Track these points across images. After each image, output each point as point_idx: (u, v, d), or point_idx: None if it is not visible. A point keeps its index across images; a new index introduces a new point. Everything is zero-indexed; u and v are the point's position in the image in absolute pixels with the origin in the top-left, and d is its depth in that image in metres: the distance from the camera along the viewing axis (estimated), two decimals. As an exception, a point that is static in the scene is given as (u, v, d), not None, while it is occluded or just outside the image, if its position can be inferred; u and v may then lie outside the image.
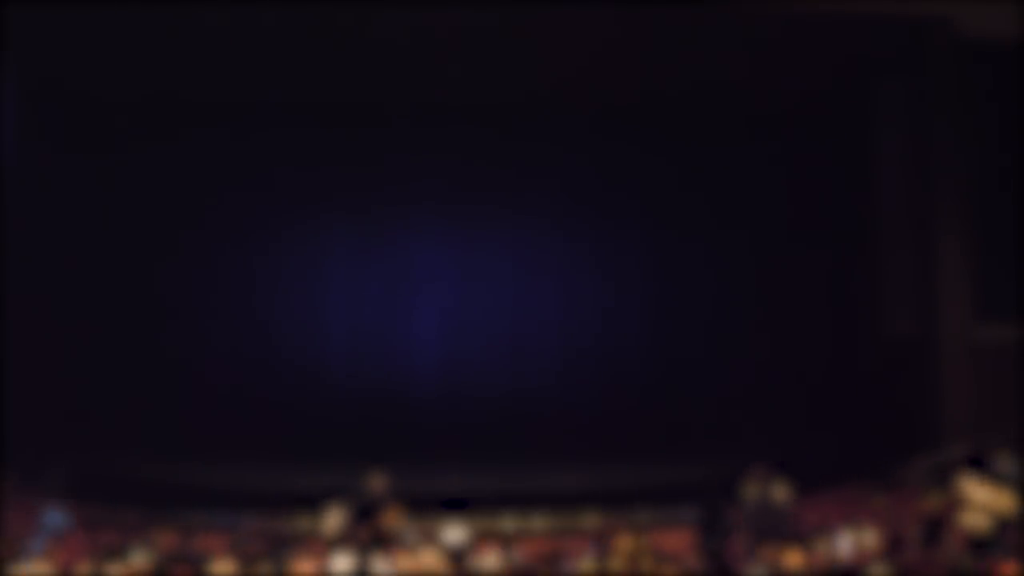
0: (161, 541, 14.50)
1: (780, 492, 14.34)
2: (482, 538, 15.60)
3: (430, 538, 14.20)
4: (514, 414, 22.39)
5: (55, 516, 14.74)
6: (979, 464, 14.24)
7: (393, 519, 13.81)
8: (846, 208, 22.61)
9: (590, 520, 19.21)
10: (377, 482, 14.61)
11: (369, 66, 20.78)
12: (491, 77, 21.43)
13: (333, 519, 14.45)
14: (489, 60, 20.71)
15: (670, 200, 23.46)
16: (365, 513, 14.02)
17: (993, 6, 19.04)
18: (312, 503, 16.89)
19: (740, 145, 23.29)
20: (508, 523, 19.02)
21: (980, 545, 11.89)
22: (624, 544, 12.92)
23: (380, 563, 12.26)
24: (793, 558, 11.03)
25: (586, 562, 13.33)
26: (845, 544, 13.59)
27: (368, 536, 13.51)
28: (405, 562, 11.75)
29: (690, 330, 23.20)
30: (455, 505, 17.85)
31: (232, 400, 21.88)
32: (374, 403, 22.32)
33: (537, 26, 19.61)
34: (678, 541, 15.88)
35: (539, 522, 19.23)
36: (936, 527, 13.54)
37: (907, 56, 20.60)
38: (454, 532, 14.39)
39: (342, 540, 13.75)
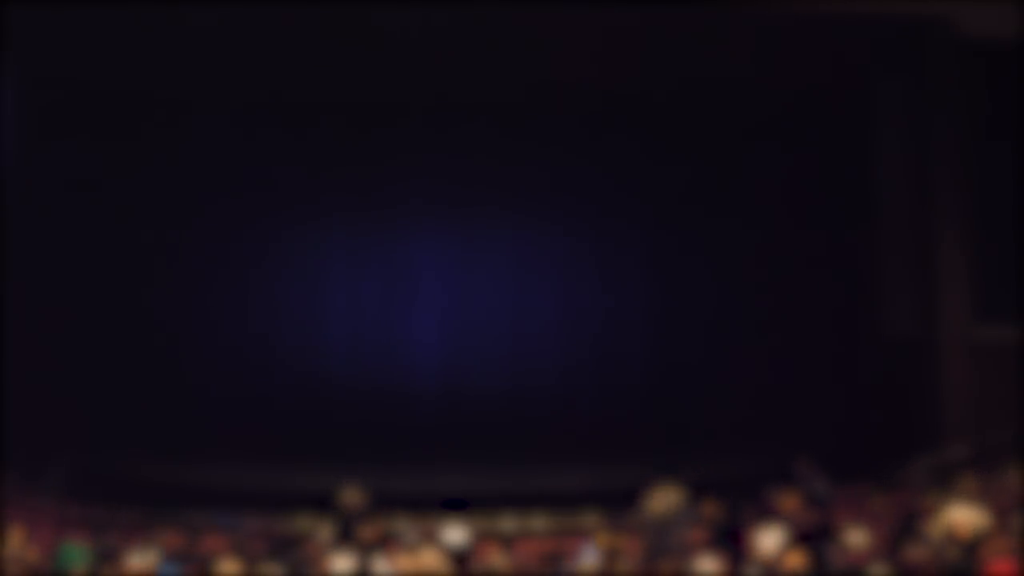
0: (163, 542, 14.47)
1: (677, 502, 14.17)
2: (482, 538, 15.60)
3: (430, 538, 14.19)
4: (514, 414, 22.37)
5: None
6: (980, 466, 14.23)
7: (374, 532, 13.80)
8: (845, 208, 22.61)
9: (590, 520, 19.20)
10: (352, 497, 14.61)
11: (368, 65, 20.79)
12: (492, 75, 21.44)
13: (329, 530, 14.46)
14: (489, 59, 20.71)
15: (670, 199, 23.44)
16: (347, 529, 14.04)
17: (993, 6, 19.04)
18: (313, 503, 16.90)
19: (740, 144, 23.26)
20: (508, 523, 19.01)
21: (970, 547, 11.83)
22: (603, 542, 12.95)
23: (380, 564, 12.27)
24: (793, 558, 11.02)
25: (586, 562, 13.33)
26: (843, 545, 13.59)
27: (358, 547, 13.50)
28: (405, 562, 11.75)
29: (690, 330, 23.18)
30: (455, 505, 17.84)
31: (232, 400, 21.87)
32: (374, 403, 22.31)
33: (538, 25, 19.62)
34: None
35: (539, 522, 19.22)
36: (910, 523, 13.51)
37: (907, 56, 20.61)
38: (454, 532, 14.39)
39: (338, 545, 13.76)
